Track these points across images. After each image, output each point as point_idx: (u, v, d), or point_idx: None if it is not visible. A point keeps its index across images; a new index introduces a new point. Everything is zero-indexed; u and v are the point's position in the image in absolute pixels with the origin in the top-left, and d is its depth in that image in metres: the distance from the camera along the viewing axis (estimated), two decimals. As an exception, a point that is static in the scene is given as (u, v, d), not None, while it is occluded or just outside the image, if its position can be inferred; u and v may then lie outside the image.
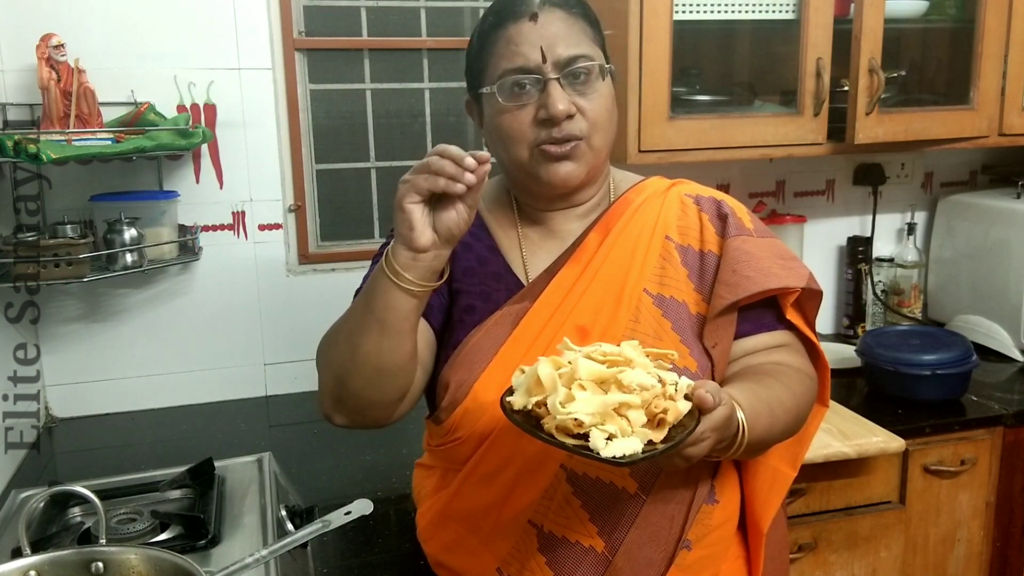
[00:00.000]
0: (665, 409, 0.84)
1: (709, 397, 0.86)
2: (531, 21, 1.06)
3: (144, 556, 1.04)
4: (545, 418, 0.85)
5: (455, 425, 1.08)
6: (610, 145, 1.13)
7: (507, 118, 1.08)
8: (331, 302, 2.00)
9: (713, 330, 1.09)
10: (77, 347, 1.90)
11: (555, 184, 1.09)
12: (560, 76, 1.05)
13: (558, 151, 1.07)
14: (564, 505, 1.04)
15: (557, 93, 1.04)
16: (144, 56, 1.83)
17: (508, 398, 0.89)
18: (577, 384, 0.84)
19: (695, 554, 1.07)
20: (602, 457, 0.79)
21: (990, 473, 1.83)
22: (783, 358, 1.12)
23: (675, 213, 1.15)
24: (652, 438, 0.83)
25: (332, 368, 1.03)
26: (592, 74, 1.07)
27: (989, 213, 2.19)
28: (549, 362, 0.88)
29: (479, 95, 1.12)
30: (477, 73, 1.12)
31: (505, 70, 1.06)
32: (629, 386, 0.83)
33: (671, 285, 1.10)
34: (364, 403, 1.03)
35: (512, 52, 1.06)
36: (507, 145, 1.09)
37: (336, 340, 1.03)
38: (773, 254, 1.12)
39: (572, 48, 1.06)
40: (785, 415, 1.03)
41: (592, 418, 0.81)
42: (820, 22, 1.86)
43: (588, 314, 1.08)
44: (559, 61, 1.05)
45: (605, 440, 0.80)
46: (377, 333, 0.98)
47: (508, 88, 1.07)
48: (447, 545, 1.13)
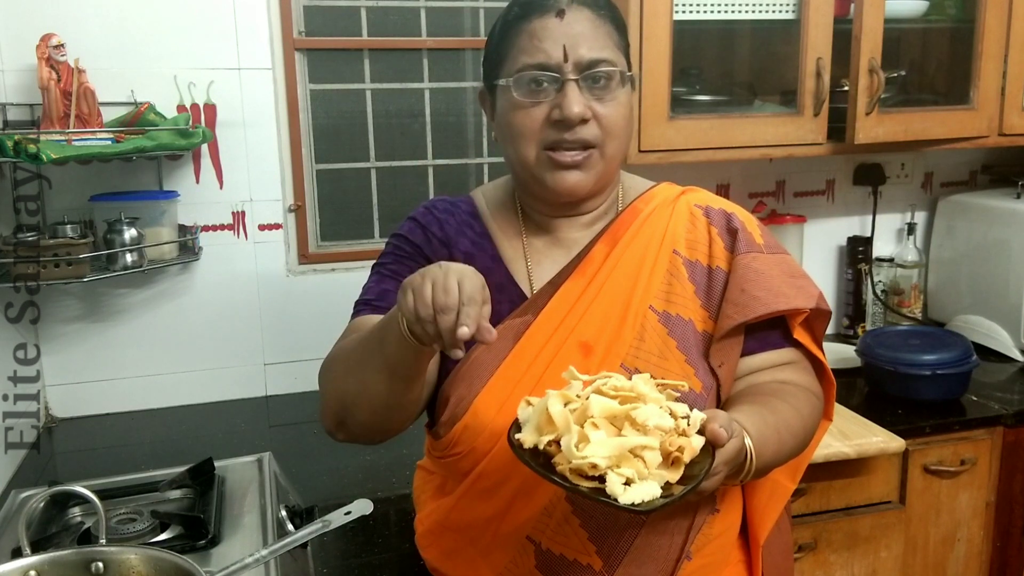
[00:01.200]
0: (680, 447, 0.82)
1: (723, 432, 0.84)
2: (557, 17, 1.02)
3: (144, 556, 1.04)
4: (556, 457, 0.83)
5: (454, 440, 1.06)
6: (623, 154, 1.10)
7: (519, 114, 1.04)
8: (331, 302, 2.01)
9: (720, 349, 1.07)
10: (77, 347, 1.90)
11: (560, 192, 1.07)
12: (580, 78, 1.02)
13: (567, 159, 1.04)
14: (563, 523, 1.02)
15: (574, 95, 1.02)
16: (144, 56, 1.83)
17: (517, 436, 0.86)
18: (590, 422, 0.82)
19: (695, 564, 1.06)
20: (620, 505, 0.77)
21: (990, 473, 1.83)
22: (789, 376, 1.10)
23: (684, 225, 1.13)
24: (668, 479, 0.81)
25: (337, 395, 1.02)
26: (613, 80, 1.04)
27: (989, 213, 2.19)
28: (559, 397, 0.85)
29: (494, 86, 1.09)
30: (495, 64, 1.08)
31: (524, 64, 1.03)
32: (644, 424, 0.82)
33: (678, 302, 1.08)
34: (368, 430, 1.03)
35: (534, 47, 1.03)
36: (516, 142, 1.06)
37: (342, 371, 1.02)
38: (783, 272, 1.10)
39: (596, 51, 1.03)
40: (792, 438, 1.02)
41: (608, 461, 0.79)
42: (820, 22, 1.86)
43: (592, 330, 1.06)
44: (581, 62, 1.02)
45: (623, 484, 0.78)
46: (387, 377, 0.95)
47: (525, 83, 1.03)
48: (445, 553, 1.12)
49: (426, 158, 2.14)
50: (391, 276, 1.14)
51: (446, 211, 1.17)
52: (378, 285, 1.14)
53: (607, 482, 0.78)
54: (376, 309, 1.10)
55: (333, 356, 1.06)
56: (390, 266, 1.15)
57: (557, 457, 0.82)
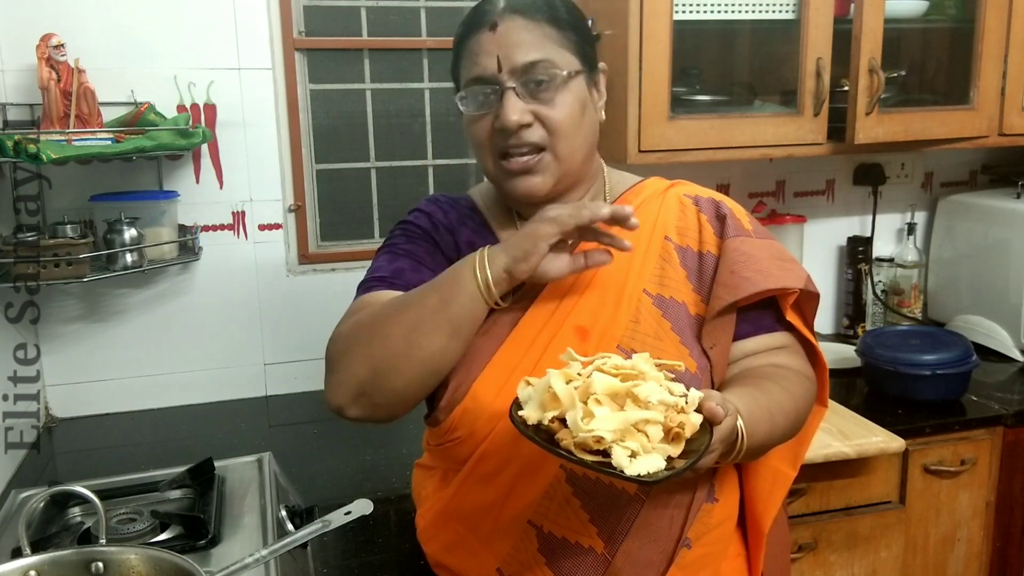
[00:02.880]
0: (681, 424, 0.84)
1: (720, 410, 0.87)
2: (490, 31, 1.07)
3: (144, 556, 1.04)
4: (559, 432, 0.84)
5: (454, 425, 1.08)
6: (585, 151, 1.12)
7: (473, 127, 1.10)
8: (331, 302, 2.00)
9: (711, 331, 1.09)
10: (77, 347, 1.90)
11: (518, 197, 1.12)
12: (518, 84, 1.06)
13: (517, 166, 1.08)
14: (564, 506, 1.04)
15: (510, 103, 1.05)
16: (144, 56, 1.83)
17: (520, 413, 0.87)
18: (593, 399, 0.83)
19: (695, 552, 1.07)
20: (627, 476, 0.79)
21: (990, 473, 1.83)
22: (782, 360, 1.12)
23: (674, 214, 1.15)
24: (670, 453, 0.82)
25: (372, 361, 1.01)
26: (554, 80, 1.07)
27: (989, 213, 2.19)
28: (561, 376, 0.87)
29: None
30: (455, 81, 1.14)
31: (467, 80, 1.09)
32: (646, 400, 0.83)
33: (671, 286, 1.10)
34: (395, 399, 1.03)
35: (472, 62, 1.08)
36: (477, 153, 1.13)
37: (381, 336, 1.01)
38: (771, 255, 1.12)
39: (531, 54, 1.06)
40: (784, 419, 1.03)
41: (613, 435, 0.81)
42: (820, 22, 1.86)
43: (587, 314, 1.08)
44: (516, 68, 1.06)
45: (628, 457, 0.80)
46: (447, 336, 1.00)
47: (472, 98, 1.09)
48: (447, 545, 1.13)
49: (426, 158, 2.14)
50: (405, 255, 1.16)
51: (448, 203, 1.23)
52: (391, 264, 1.15)
53: (613, 454, 0.80)
54: (392, 285, 1.12)
55: (359, 324, 1.05)
56: (403, 246, 1.17)
57: (560, 432, 0.84)
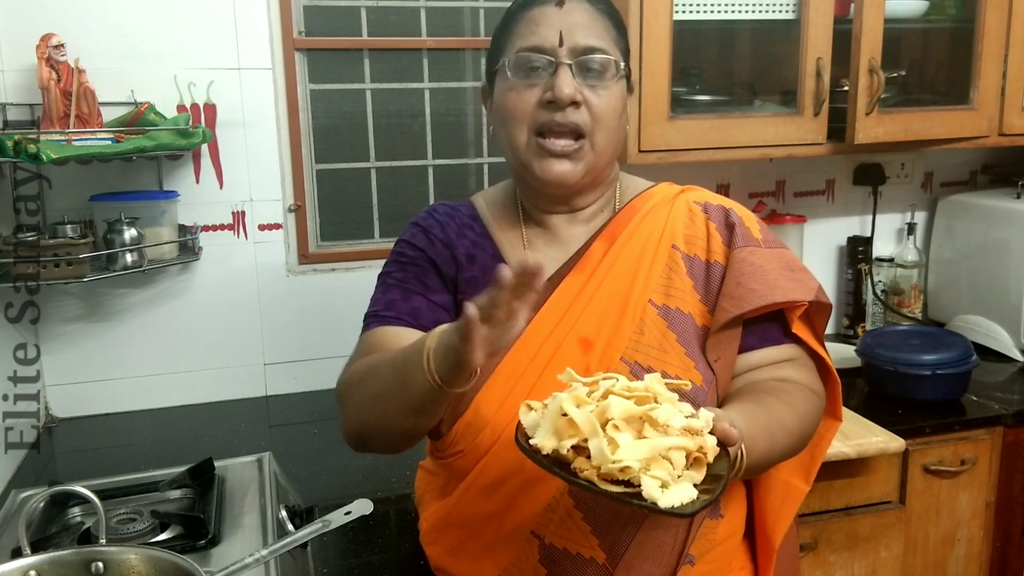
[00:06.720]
0: (702, 448, 0.80)
1: (734, 431, 0.84)
2: (556, 6, 1.06)
3: (144, 556, 1.04)
4: (575, 461, 0.80)
5: (456, 438, 1.07)
6: (615, 150, 1.11)
7: (512, 95, 1.07)
8: (331, 302, 2.01)
9: (716, 343, 1.07)
10: (77, 347, 1.90)
11: (548, 181, 1.08)
12: (573, 63, 1.05)
13: (557, 148, 1.05)
14: (566, 518, 1.03)
15: (566, 77, 1.04)
16: (144, 56, 1.83)
17: (533, 441, 0.82)
18: (611, 425, 0.80)
19: (698, 569, 1.06)
20: (662, 509, 0.75)
21: (990, 473, 1.83)
22: (789, 374, 1.09)
23: (682, 221, 1.13)
24: (695, 480, 0.79)
25: (357, 422, 1.03)
26: (607, 70, 1.06)
27: (989, 213, 2.19)
28: (572, 400, 0.82)
29: (494, 74, 1.11)
30: (496, 52, 1.12)
31: (520, 47, 1.06)
32: (665, 424, 0.80)
33: (677, 296, 1.09)
34: (391, 447, 1.04)
35: (531, 32, 1.06)
36: (508, 125, 1.08)
37: (361, 401, 1.01)
38: (781, 265, 1.10)
39: (592, 39, 1.05)
40: (786, 436, 1.00)
41: (640, 464, 0.77)
42: (820, 22, 1.86)
43: (591, 326, 1.06)
44: (575, 48, 1.05)
45: (659, 488, 0.76)
46: (413, 416, 0.96)
47: (520, 65, 1.07)
48: (449, 550, 1.13)
49: (426, 158, 2.14)
50: (396, 285, 1.14)
51: (447, 214, 1.19)
52: (384, 296, 1.14)
53: (644, 486, 0.76)
54: (384, 320, 1.11)
55: (350, 381, 1.05)
56: (395, 275, 1.16)
57: (577, 461, 0.80)
